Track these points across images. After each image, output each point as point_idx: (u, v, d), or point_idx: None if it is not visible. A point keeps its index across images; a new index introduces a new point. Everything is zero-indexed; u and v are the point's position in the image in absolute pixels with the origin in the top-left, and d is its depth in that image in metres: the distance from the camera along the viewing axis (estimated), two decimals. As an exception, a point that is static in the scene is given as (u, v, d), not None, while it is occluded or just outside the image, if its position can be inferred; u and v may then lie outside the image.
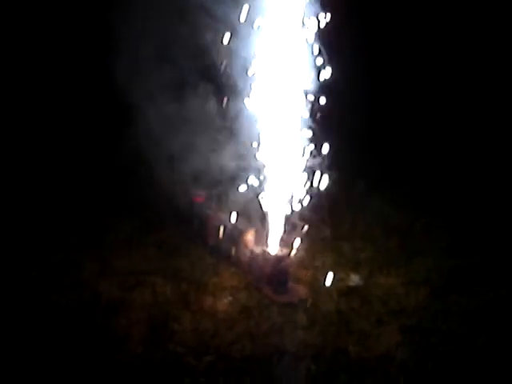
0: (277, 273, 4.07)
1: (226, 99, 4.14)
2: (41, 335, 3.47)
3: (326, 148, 4.01)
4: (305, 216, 4.23)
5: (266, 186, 4.17)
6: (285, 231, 4.21)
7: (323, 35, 3.91)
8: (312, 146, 4.08)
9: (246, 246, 4.27)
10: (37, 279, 4.00)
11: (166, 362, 3.35)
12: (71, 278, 4.06)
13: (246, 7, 3.83)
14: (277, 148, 4.10)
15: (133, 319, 3.67)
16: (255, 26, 3.87)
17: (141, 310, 3.77)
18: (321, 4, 3.86)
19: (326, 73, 3.93)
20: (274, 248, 4.18)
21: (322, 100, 3.97)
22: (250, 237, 4.28)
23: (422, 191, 5.60)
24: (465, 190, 5.56)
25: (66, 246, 4.43)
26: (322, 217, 4.55)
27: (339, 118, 4.09)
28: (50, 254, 4.31)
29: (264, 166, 4.15)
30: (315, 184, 4.10)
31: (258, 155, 4.14)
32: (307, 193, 4.16)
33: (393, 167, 6.05)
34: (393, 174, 5.91)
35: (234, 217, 4.35)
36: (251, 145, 4.12)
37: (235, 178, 4.26)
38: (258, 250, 4.21)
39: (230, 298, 3.95)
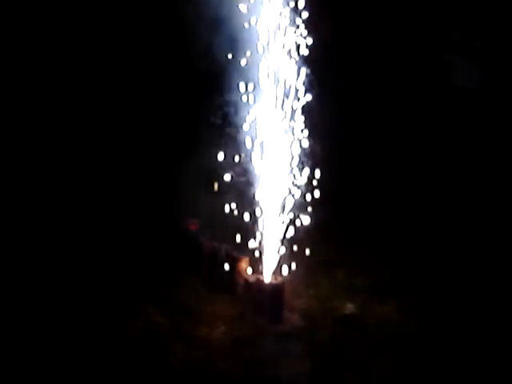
0: (271, 301, 4.04)
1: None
2: (31, 365, 3.43)
3: (317, 176, 4.07)
4: (299, 244, 4.23)
5: (260, 214, 4.17)
6: (279, 259, 4.19)
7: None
8: (305, 175, 4.12)
9: (240, 274, 4.24)
10: (26, 307, 3.96)
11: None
12: (62, 307, 4.01)
13: None
14: (270, 177, 4.12)
15: (126, 349, 3.63)
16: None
17: (134, 339, 3.73)
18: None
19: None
20: (268, 276, 4.15)
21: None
22: (244, 265, 4.25)
23: (413, 221, 5.58)
24: (455, 223, 5.53)
25: (56, 276, 4.38)
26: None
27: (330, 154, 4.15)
28: (42, 282, 4.27)
29: (258, 195, 4.16)
30: (309, 211, 4.12)
31: (252, 183, 4.16)
32: (301, 221, 4.16)
33: (383, 199, 6.02)
34: (384, 206, 5.89)
35: (228, 245, 4.34)
36: (245, 173, 4.15)
37: (230, 206, 4.26)
38: (252, 278, 4.18)
39: (223, 328, 3.91)
